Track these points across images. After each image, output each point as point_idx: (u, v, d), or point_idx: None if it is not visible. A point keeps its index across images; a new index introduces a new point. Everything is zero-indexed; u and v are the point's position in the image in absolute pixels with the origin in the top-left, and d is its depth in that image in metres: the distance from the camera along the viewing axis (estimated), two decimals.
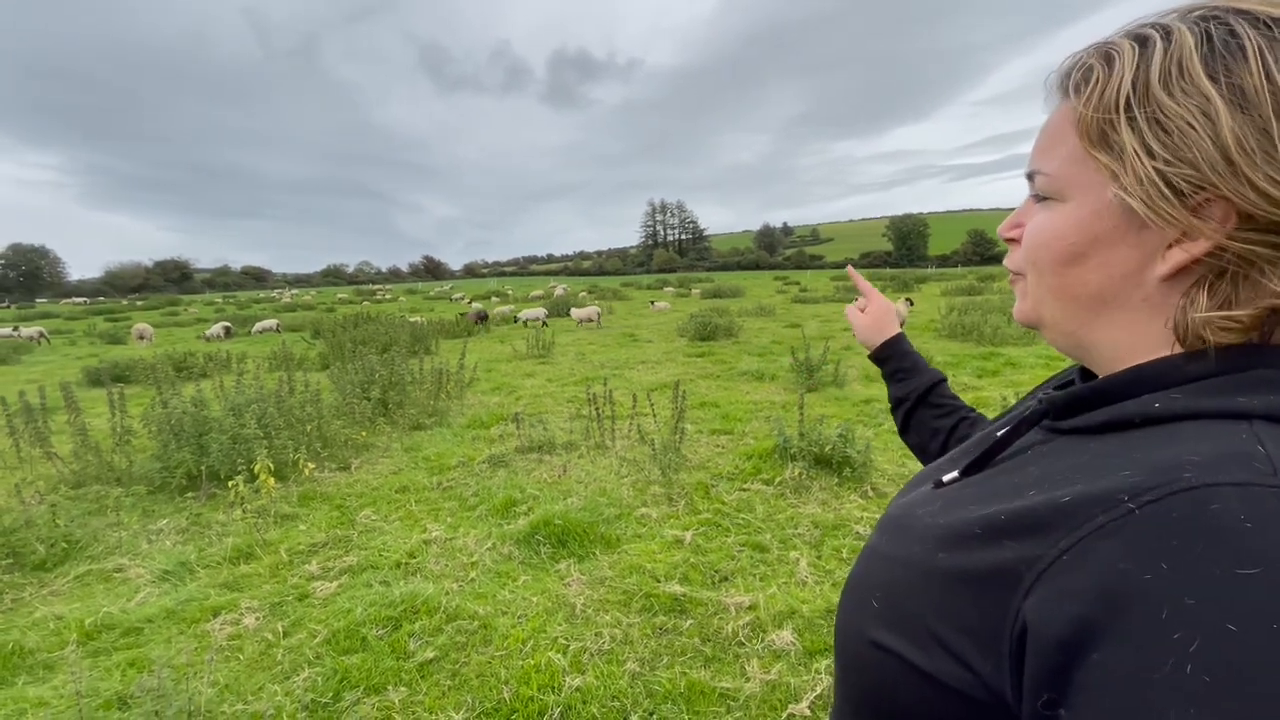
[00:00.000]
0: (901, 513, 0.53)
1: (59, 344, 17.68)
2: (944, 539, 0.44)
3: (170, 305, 41.99)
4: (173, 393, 4.74)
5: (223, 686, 2.16)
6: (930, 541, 0.45)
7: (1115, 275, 0.44)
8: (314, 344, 13.04)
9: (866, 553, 0.53)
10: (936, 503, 0.49)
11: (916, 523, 0.49)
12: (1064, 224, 0.45)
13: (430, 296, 43.50)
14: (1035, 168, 0.48)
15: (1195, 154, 0.37)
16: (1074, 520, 0.36)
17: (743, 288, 28.53)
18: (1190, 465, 0.34)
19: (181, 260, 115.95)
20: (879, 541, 0.52)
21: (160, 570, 3.04)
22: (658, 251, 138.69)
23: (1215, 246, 0.38)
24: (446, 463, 4.62)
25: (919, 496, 0.54)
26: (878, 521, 0.58)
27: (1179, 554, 0.31)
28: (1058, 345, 0.52)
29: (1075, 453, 0.43)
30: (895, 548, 0.49)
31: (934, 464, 0.65)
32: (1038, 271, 0.48)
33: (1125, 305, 0.44)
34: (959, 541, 0.42)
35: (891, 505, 0.60)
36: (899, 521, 0.51)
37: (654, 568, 2.92)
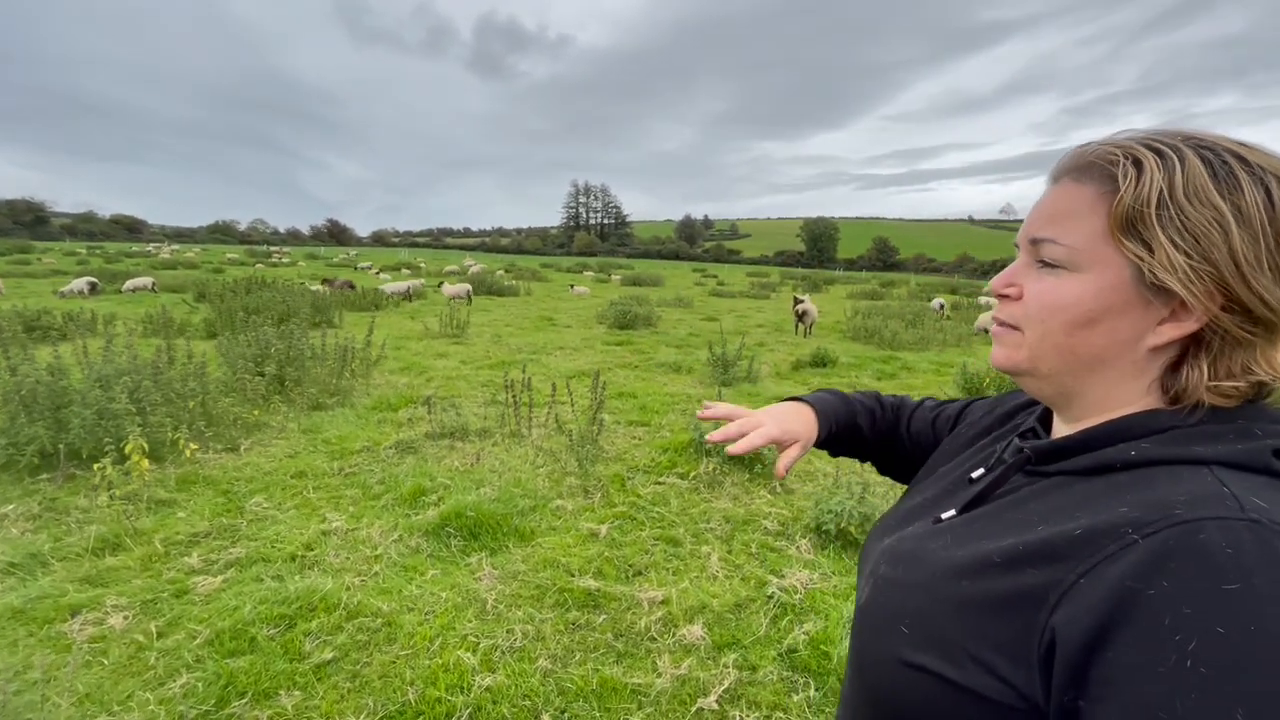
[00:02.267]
0: (912, 546, 0.60)
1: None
2: (966, 569, 0.52)
3: (20, 252, 36.74)
4: (23, 357, 4.15)
5: (83, 696, 1.94)
6: (952, 571, 0.53)
7: (1117, 341, 0.52)
8: (198, 308, 11.89)
9: (879, 583, 0.60)
10: (945, 536, 0.58)
11: (931, 555, 0.57)
12: (1081, 293, 0.52)
13: (334, 264, 40.66)
14: (1048, 236, 0.54)
15: (1216, 256, 0.46)
16: (1088, 549, 0.44)
17: (662, 277, 28.86)
18: (1179, 504, 0.43)
19: (36, 201, 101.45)
20: (891, 572, 0.60)
21: (5, 563, 2.68)
22: (579, 234, 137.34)
23: (1203, 326, 0.48)
24: (349, 447, 4.37)
25: (922, 531, 0.62)
26: (878, 554, 0.65)
27: (1176, 574, 0.40)
28: (1040, 393, 0.60)
29: (1068, 492, 0.52)
30: (914, 577, 0.57)
31: (920, 501, 0.71)
32: (1045, 331, 0.55)
33: (1115, 365, 0.53)
34: (981, 571, 0.50)
35: (882, 536, 0.69)
36: (912, 554, 0.59)
37: (569, 561, 2.91)
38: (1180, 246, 0.47)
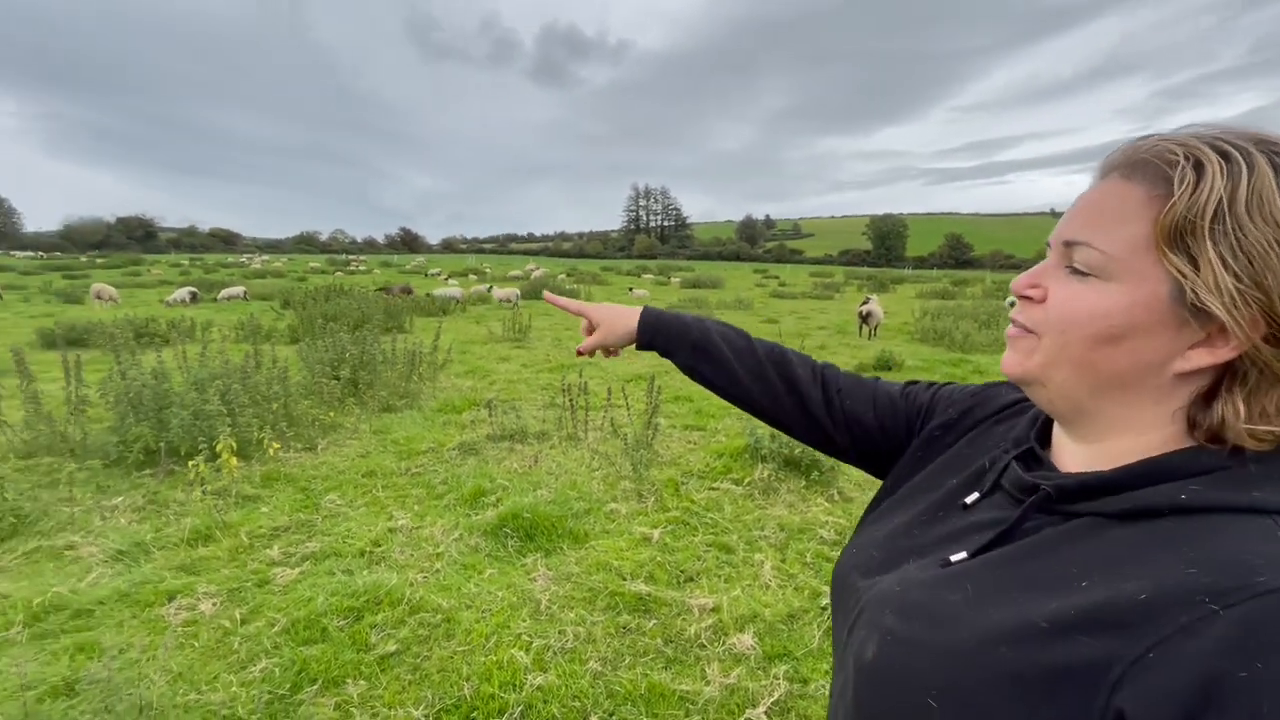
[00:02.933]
0: (925, 599, 0.52)
1: (12, 300, 16.94)
2: (1006, 634, 0.44)
3: (133, 265, 40.54)
4: (132, 362, 4.58)
5: (175, 675, 2.12)
6: (989, 637, 0.45)
7: (1141, 361, 0.47)
8: (283, 315, 12.73)
9: (890, 641, 0.51)
10: (964, 588, 0.50)
11: (956, 613, 0.48)
12: (1110, 305, 0.47)
13: (406, 270, 42.68)
14: (1083, 239, 0.49)
15: (1270, 282, 0.41)
16: (1156, 618, 0.39)
17: (722, 278, 28.67)
18: (1259, 568, 0.38)
19: (146, 218, 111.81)
20: (905, 629, 0.51)
21: (114, 550, 2.96)
22: (639, 237, 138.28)
23: (1239, 356, 0.43)
24: (416, 447, 4.57)
25: (931, 578, 0.54)
26: (875, 598, 0.56)
27: (1271, 653, 0.35)
28: (1050, 405, 0.54)
29: (1106, 539, 0.46)
30: (939, 639, 0.48)
31: (897, 531, 0.64)
32: (1064, 341, 0.50)
33: (1137, 388, 0.48)
34: (1025, 638, 0.43)
35: (869, 572, 0.60)
36: (928, 609, 0.51)
37: (621, 565, 2.94)
38: (1231, 267, 0.42)
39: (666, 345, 0.87)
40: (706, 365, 0.84)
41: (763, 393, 0.82)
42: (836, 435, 0.79)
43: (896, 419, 0.77)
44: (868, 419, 0.78)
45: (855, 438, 0.79)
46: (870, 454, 0.79)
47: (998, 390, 0.72)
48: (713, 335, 0.85)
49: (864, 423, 0.78)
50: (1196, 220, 0.42)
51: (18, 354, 4.79)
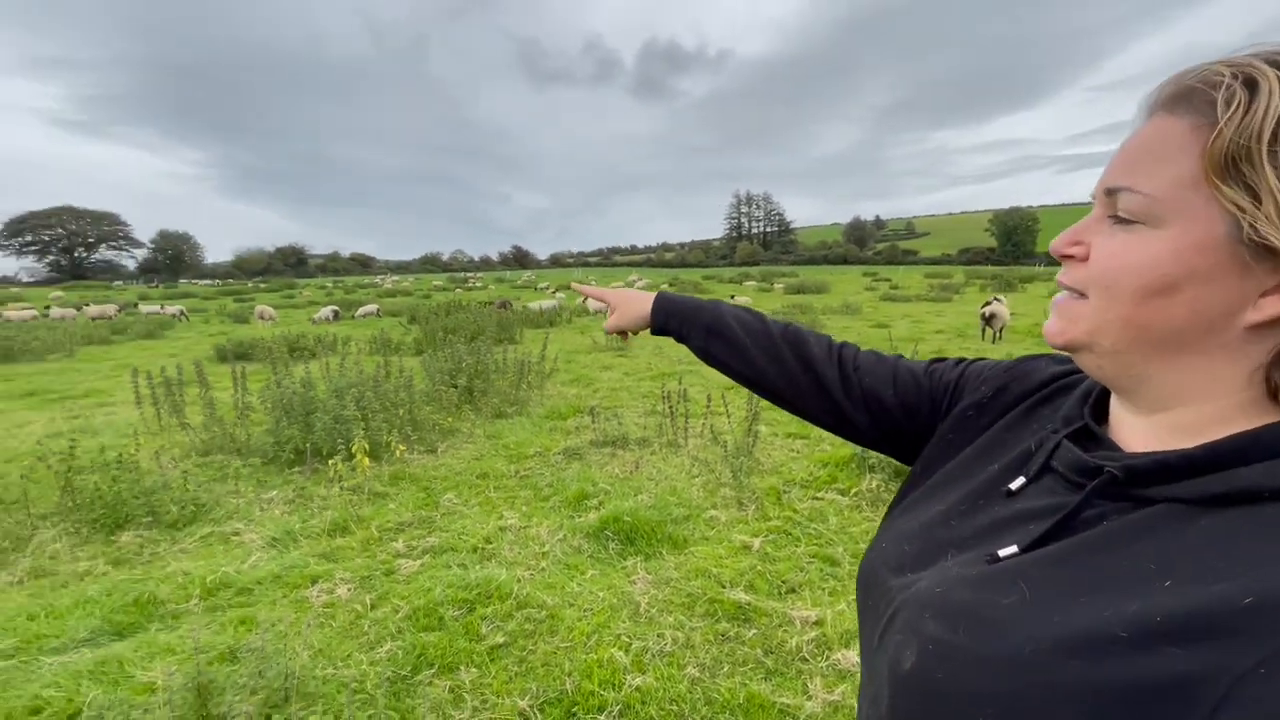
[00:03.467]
0: (972, 600, 0.45)
1: (195, 321, 19.79)
2: (1075, 644, 0.37)
3: (288, 288, 45.99)
4: (285, 372, 5.19)
5: (316, 650, 2.37)
6: (1053, 647, 0.38)
7: (1201, 315, 0.41)
8: (410, 329, 13.86)
9: (932, 648, 0.45)
10: (1017, 588, 0.43)
11: (1007, 614, 0.42)
12: (1159, 252, 0.41)
13: (517, 285, 45.07)
14: (1124, 184, 0.44)
15: None
16: (1267, 628, 0.33)
17: (828, 283, 27.64)
18: None
19: (298, 246, 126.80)
20: (950, 636, 0.44)
21: (269, 537, 3.36)
22: (741, 244, 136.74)
23: None
24: (525, 451, 4.80)
25: (976, 576, 0.46)
26: (912, 600, 0.49)
27: None
28: (1101, 372, 0.48)
29: (1193, 530, 0.39)
30: (992, 649, 0.41)
31: (933, 521, 0.57)
32: (1110, 297, 0.44)
33: (1201, 347, 0.42)
34: (1099, 648, 0.37)
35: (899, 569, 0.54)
36: (975, 613, 0.44)
37: (720, 572, 2.91)
38: None
39: (680, 328, 0.86)
40: (719, 347, 0.83)
41: (778, 374, 0.78)
42: (855, 416, 0.73)
43: (920, 397, 0.70)
44: (887, 397, 0.71)
45: (875, 418, 0.72)
46: (893, 436, 0.73)
47: (1036, 364, 0.63)
48: (726, 317, 0.83)
49: (883, 401, 0.71)
50: (1251, 144, 0.37)
51: (198, 367, 5.59)
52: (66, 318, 18.78)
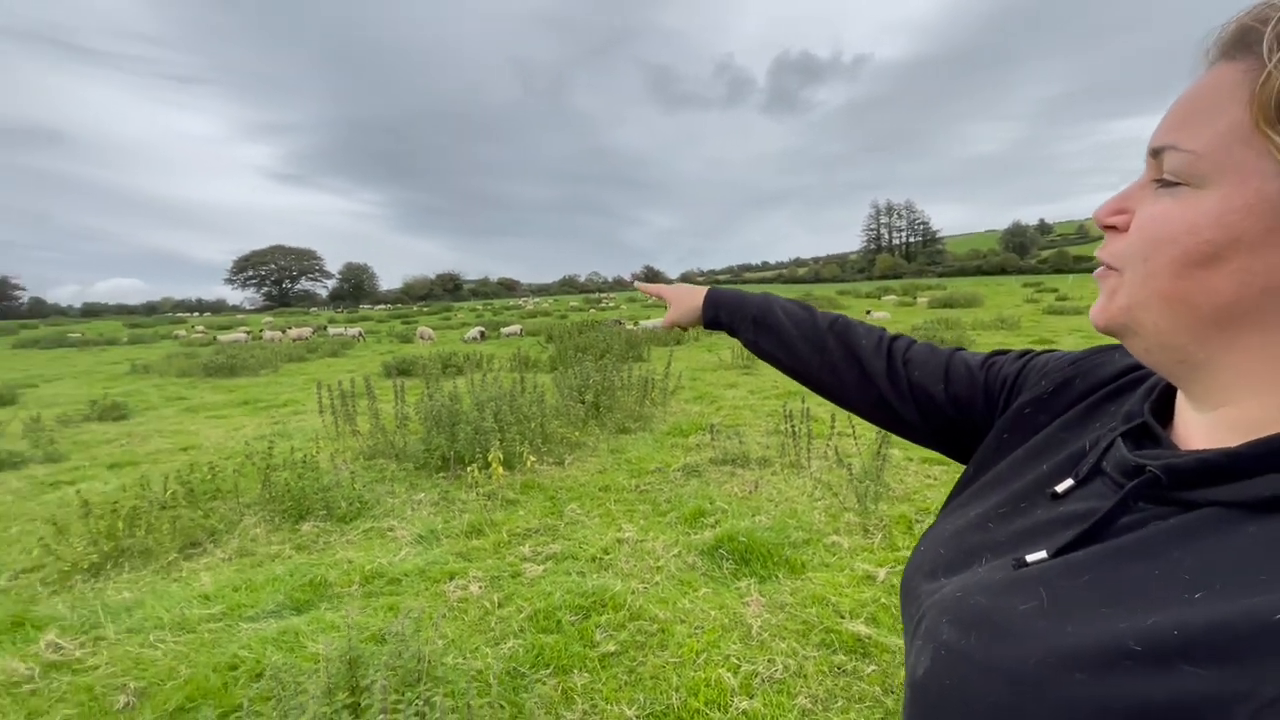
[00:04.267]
0: (988, 603, 0.42)
1: (370, 341, 22.56)
2: (1083, 657, 0.34)
3: (445, 311, 51.00)
4: (436, 387, 5.77)
5: (449, 640, 2.60)
6: (1059, 657, 0.35)
7: (1254, 287, 0.36)
8: (546, 348, 14.75)
9: (943, 654, 0.42)
10: (1037, 594, 0.40)
11: (1021, 622, 0.39)
12: (1201, 216, 0.37)
13: (648, 304, 46.17)
14: (1169, 142, 0.39)
15: None
16: None
17: (981, 295, 25.25)
18: None
19: (454, 273, 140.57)
20: (962, 641, 0.41)
21: (417, 534, 3.74)
22: (881, 257, 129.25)
23: None
24: (645, 467, 4.90)
25: (1002, 581, 0.43)
26: (935, 604, 0.47)
27: None
28: (1150, 359, 0.43)
29: (1235, 538, 0.35)
30: (997, 656, 0.38)
31: (970, 524, 0.53)
32: (1148, 270, 0.40)
33: (1258, 325, 0.37)
34: (1108, 663, 0.33)
35: (932, 573, 0.51)
36: (989, 618, 0.41)
37: (839, 601, 2.77)
38: None
39: (730, 321, 0.88)
40: (767, 339, 0.83)
41: (822, 365, 0.77)
42: (904, 410, 0.70)
43: (973, 392, 0.65)
44: (937, 391, 0.67)
45: (925, 413, 0.68)
46: (945, 433, 0.68)
47: (1107, 356, 0.57)
48: (774, 309, 0.84)
49: (933, 396, 0.67)
50: None
51: (367, 381, 6.38)
52: (274, 339, 22.32)
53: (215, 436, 6.95)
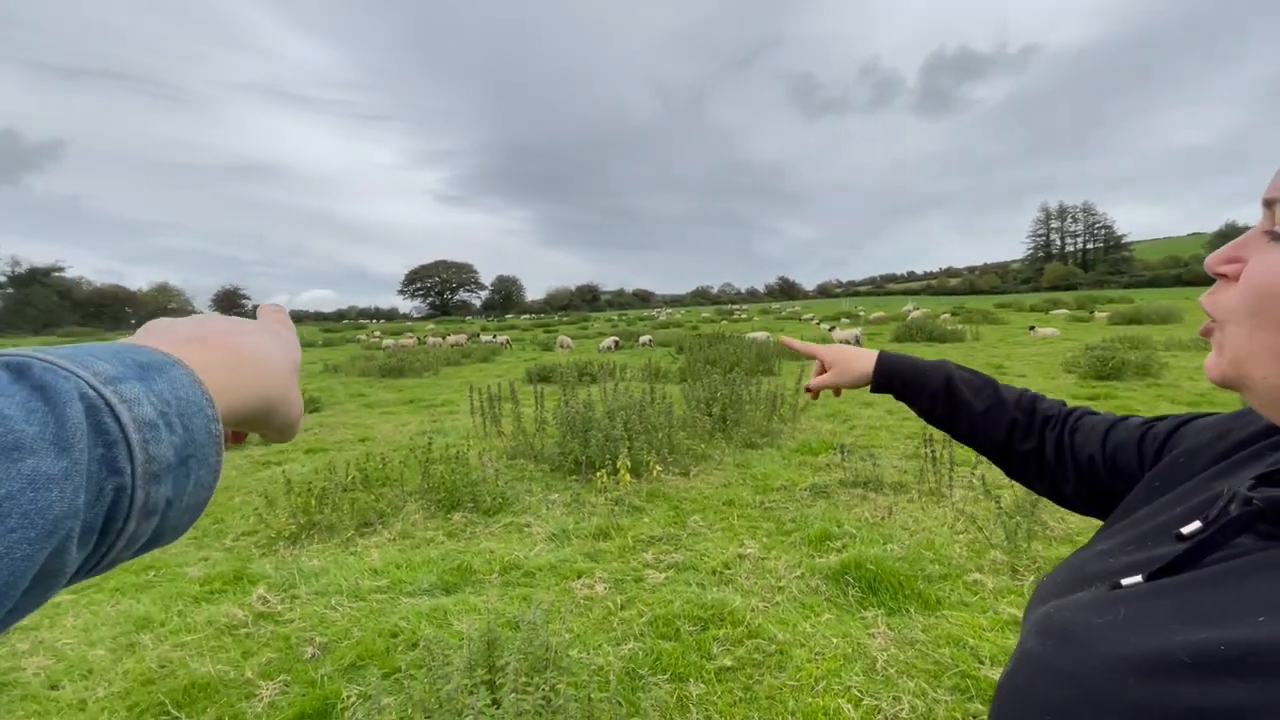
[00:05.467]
0: (1070, 616, 0.45)
1: (517, 348, 24.32)
2: (1137, 663, 0.37)
3: (583, 320, 53.53)
4: (572, 394, 6.13)
5: (575, 636, 2.77)
6: (1116, 662, 0.38)
7: None
8: (677, 359, 14.97)
9: (1025, 659, 0.46)
10: (1117, 610, 0.42)
11: (1093, 633, 0.41)
12: None
13: (781, 316, 45.13)
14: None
15: None
16: None
17: (1179, 310, 21.58)
18: None
19: (593, 284, 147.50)
20: (1040, 649, 0.45)
21: (550, 532, 4.01)
22: (1051, 265, 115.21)
23: None
24: (771, 484, 4.83)
25: (1091, 599, 0.45)
26: (1030, 616, 0.50)
27: None
28: (1269, 414, 0.44)
29: None
30: (1065, 661, 0.41)
31: (1095, 554, 0.54)
32: (1257, 324, 0.40)
33: None
34: (1159, 669, 0.35)
35: (1044, 599, 0.52)
36: (1067, 627, 0.44)
37: (978, 645, 2.56)
38: None
39: (904, 390, 0.88)
40: (945, 408, 0.83)
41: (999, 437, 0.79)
42: (1063, 480, 0.71)
43: (1129, 455, 0.66)
44: (1097, 458, 0.68)
45: (1083, 481, 0.69)
46: (1099, 498, 0.68)
47: None
48: (955, 381, 0.83)
49: (1095, 462, 0.68)
50: None
51: (512, 386, 6.91)
52: (436, 345, 24.82)
53: (386, 430, 7.91)
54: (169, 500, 0.29)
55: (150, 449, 0.27)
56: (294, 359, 0.42)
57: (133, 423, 0.27)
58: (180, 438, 0.29)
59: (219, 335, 0.37)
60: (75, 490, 0.24)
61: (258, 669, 2.62)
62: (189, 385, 0.30)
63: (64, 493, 0.24)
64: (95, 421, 0.26)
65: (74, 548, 0.25)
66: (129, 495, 0.27)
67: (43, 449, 0.23)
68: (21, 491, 0.22)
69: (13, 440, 0.23)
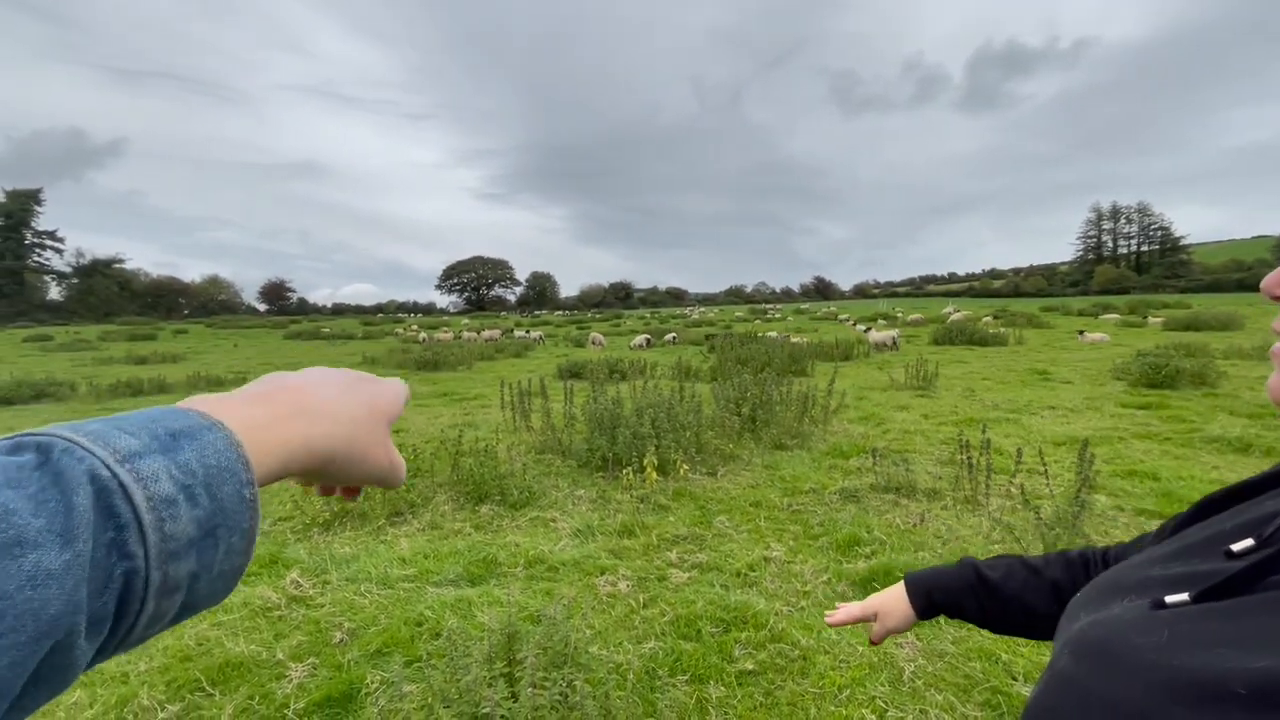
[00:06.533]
0: (1107, 635, 0.43)
1: (549, 344, 24.53)
2: (1184, 690, 0.35)
3: (616, 318, 53.69)
4: (601, 391, 6.14)
5: (596, 631, 2.77)
6: (1159, 688, 0.36)
7: None
8: (709, 357, 14.88)
9: (1058, 678, 0.44)
10: (1161, 632, 0.40)
11: (1134, 655, 0.39)
12: None
13: (816, 317, 44.46)
14: None
15: None
16: None
17: (1241, 317, 20.46)
18: None
19: (626, 282, 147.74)
20: (1075, 669, 0.43)
21: (575, 528, 4.02)
22: (1101, 268, 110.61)
23: None
24: (800, 486, 4.76)
25: (1131, 617, 0.43)
26: (1063, 632, 0.49)
27: None
28: None
29: None
30: (1104, 683, 0.40)
31: (1134, 565, 0.52)
32: None
33: None
34: (1209, 698, 0.34)
35: (1078, 614, 0.50)
36: (1105, 647, 0.42)
37: (1012, 661, 2.47)
38: None
39: (945, 600, 0.84)
40: (989, 600, 0.81)
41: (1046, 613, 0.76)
42: None
43: None
44: None
45: None
46: None
47: None
48: (981, 569, 0.82)
49: None
50: None
51: (542, 382, 6.97)
52: (470, 340, 25.22)
53: (419, 423, 8.06)
54: (194, 574, 0.28)
55: (166, 528, 0.27)
56: (382, 409, 0.42)
57: (147, 503, 0.26)
58: (206, 509, 0.28)
59: (289, 390, 0.37)
60: (76, 584, 0.24)
61: (288, 651, 2.69)
62: (223, 450, 0.30)
63: (63, 588, 0.23)
64: (106, 505, 0.25)
65: (81, 640, 0.24)
66: (143, 578, 0.26)
67: (46, 543, 0.23)
68: (19, 590, 0.22)
69: (15, 535, 0.22)
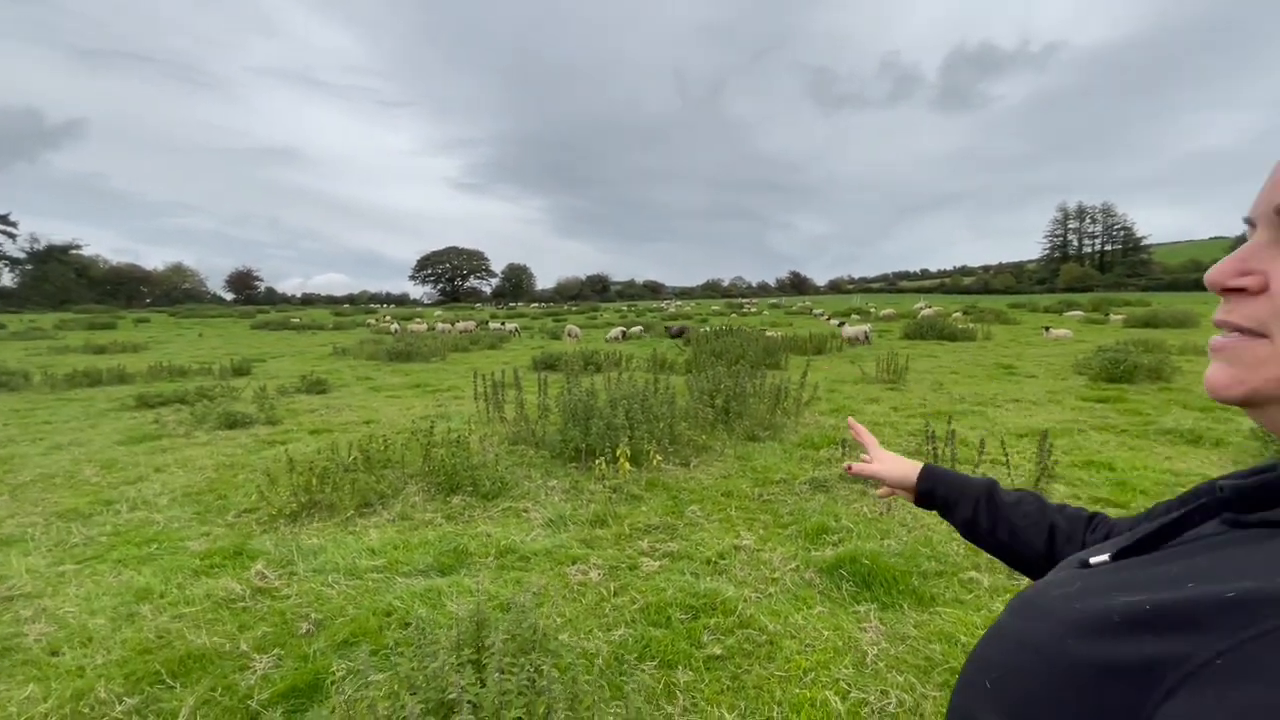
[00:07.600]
0: (1037, 591, 0.48)
1: (525, 336, 24.34)
2: (1077, 624, 0.39)
3: (592, 310, 53.50)
4: (576, 382, 6.13)
5: (566, 619, 2.78)
6: (1060, 625, 0.40)
7: None
8: (684, 350, 14.93)
9: (992, 632, 0.49)
10: (1075, 584, 0.45)
11: (1048, 602, 0.44)
12: None
13: (791, 311, 44.91)
14: None
15: None
16: (1237, 619, 0.32)
17: (1196, 315, 21.24)
18: None
19: (603, 274, 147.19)
20: (1006, 621, 0.48)
21: (547, 518, 4.02)
22: (1067, 266, 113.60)
23: None
24: (771, 476, 4.82)
25: (1059, 576, 0.50)
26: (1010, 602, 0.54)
27: None
28: None
29: (1259, 549, 0.38)
30: (1020, 628, 0.45)
31: (1090, 549, 0.57)
32: None
33: None
34: (1093, 629, 0.38)
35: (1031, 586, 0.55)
36: (1032, 599, 0.47)
37: (970, 642, 2.55)
38: None
39: (947, 495, 0.90)
40: (987, 515, 0.85)
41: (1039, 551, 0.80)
42: None
43: None
44: None
45: None
46: None
47: None
48: (998, 486, 0.87)
49: None
50: None
51: (516, 373, 6.92)
52: (444, 331, 24.90)
53: (390, 413, 7.96)
54: None
55: None
56: None
57: None
58: None
59: None
60: None
61: (253, 642, 2.65)
62: None
63: None
64: None
65: None
66: None
67: None
68: None
69: None
